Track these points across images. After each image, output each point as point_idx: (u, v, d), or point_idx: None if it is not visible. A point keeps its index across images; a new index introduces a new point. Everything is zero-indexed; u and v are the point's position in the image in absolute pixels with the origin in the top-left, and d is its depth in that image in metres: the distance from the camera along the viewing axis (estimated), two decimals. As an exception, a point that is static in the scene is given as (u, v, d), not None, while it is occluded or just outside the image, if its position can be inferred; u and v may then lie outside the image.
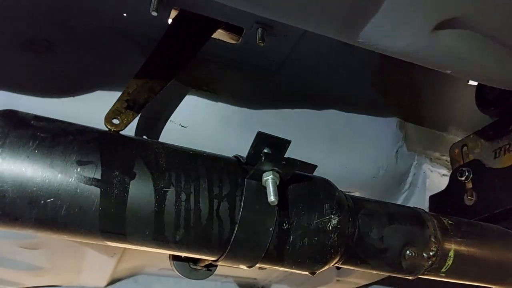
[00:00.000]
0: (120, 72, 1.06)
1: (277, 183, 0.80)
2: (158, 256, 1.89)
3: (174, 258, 1.14)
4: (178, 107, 1.12)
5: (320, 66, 1.26)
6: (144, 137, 1.07)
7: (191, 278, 1.15)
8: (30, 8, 1.01)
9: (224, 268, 1.04)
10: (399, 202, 1.46)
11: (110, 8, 1.03)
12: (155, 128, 1.10)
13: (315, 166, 1.11)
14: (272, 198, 0.78)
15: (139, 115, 0.93)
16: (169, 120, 1.11)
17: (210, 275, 1.16)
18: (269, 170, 0.81)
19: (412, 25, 0.64)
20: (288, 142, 0.84)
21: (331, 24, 0.67)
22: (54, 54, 1.03)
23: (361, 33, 0.65)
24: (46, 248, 1.51)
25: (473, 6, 0.62)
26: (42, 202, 0.71)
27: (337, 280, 1.69)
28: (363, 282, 1.73)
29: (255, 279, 2.20)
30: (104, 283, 1.89)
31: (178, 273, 1.15)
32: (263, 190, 0.81)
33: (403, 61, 0.82)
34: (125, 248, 1.62)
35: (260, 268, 0.92)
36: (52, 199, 0.72)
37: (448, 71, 0.79)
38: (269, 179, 0.80)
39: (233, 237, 0.81)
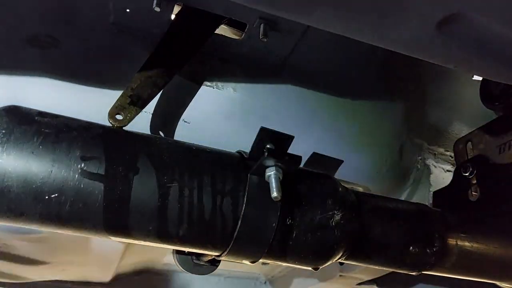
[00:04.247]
0: (124, 68, 1.06)
1: (280, 178, 0.81)
2: (162, 251, 1.90)
3: (178, 253, 1.15)
4: (182, 102, 1.12)
5: (324, 61, 1.25)
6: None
7: (194, 273, 1.16)
8: (34, 5, 1.01)
9: (227, 263, 1.04)
10: (402, 197, 1.45)
11: (114, 4, 1.03)
12: (158, 124, 1.10)
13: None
14: (275, 193, 0.78)
15: (142, 110, 0.93)
16: (172, 116, 1.11)
17: (213, 270, 1.17)
18: (272, 166, 0.81)
19: (416, 20, 0.64)
20: (291, 137, 0.84)
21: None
22: (58, 50, 1.03)
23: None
24: (50, 242, 1.52)
25: (476, 2, 0.62)
26: (47, 197, 0.72)
27: (340, 276, 1.69)
28: (367, 278, 1.73)
29: (258, 274, 2.21)
30: (109, 278, 1.90)
31: (181, 268, 1.16)
32: (266, 185, 0.82)
33: (408, 56, 0.81)
34: (129, 243, 1.63)
35: (263, 263, 0.92)
36: (56, 195, 0.72)
37: (453, 67, 0.78)
38: (272, 175, 0.80)
39: (236, 232, 0.81)
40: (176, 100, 1.12)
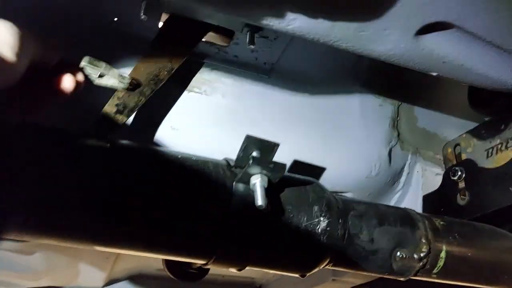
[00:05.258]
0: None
1: (265, 186, 0.81)
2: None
3: (167, 260, 1.15)
4: (169, 110, 1.12)
5: (312, 67, 1.26)
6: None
7: (184, 281, 1.16)
8: (24, 12, 1.01)
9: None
10: (392, 202, 1.46)
11: (102, 10, 1.03)
12: (146, 132, 1.10)
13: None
14: (259, 202, 0.78)
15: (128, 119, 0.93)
16: (160, 123, 1.11)
17: (203, 277, 1.17)
18: (257, 174, 0.81)
19: (395, 30, 0.64)
20: (277, 144, 0.84)
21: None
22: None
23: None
24: (42, 249, 1.52)
25: (456, 10, 0.62)
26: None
27: (333, 280, 1.69)
28: (359, 282, 1.73)
29: (252, 278, 2.21)
30: (101, 283, 1.90)
31: (171, 276, 1.15)
32: (251, 193, 0.82)
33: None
34: (120, 249, 1.63)
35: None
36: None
37: (435, 74, 0.79)
38: (256, 183, 0.80)
39: (221, 241, 0.81)
40: (164, 107, 1.12)
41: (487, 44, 0.71)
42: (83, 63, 0.79)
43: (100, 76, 0.81)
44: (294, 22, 0.64)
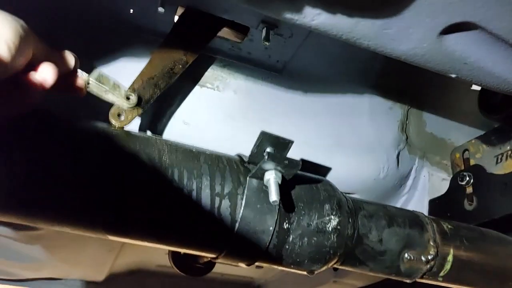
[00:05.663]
0: (127, 68, 1.06)
1: (279, 182, 0.81)
2: (156, 252, 1.89)
3: (173, 254, 1.15)
4: (182, 104, 1.13)
5: (323, 68, 1.26)
6: (148, 133, 1.08)
7: (189, 275, 1.16)
8: (36, 5, 1.01)
9: (221, 265, 1.04)
10: (398, 205, 1.46)
11: (117, 4, 1.03)
12: (158, 125, 1.10)
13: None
14: (273, 197, 0.78)
15: (144, 111, 0.93)
16: (172, 117, 1.11)
17: (208, 272, 1.17)
18: (271, 170, 0.82)
19: (419, 29, 0.64)
20: (291, 142, 0.84)
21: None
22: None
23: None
24: (45, 241, 1.51)
25: (482, 10, 0.62)
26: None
27: (334, 282, 1.69)
28: (360, 284, 1.73)
29: (251, 278, 2.21)
30: (102, 277, 1.90)
31: (176, 270, 1.15)
32: (265, 189, 0.82)
33: (407, 65, 0.82)
34: (123, 243, 1.63)
35: (257, 266, 0.93)
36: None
37: (454, 76, 0.79)
38: (271, 179, 0.80)
39: (233, 235, 0.81)
40: (177, 102, 1.12)
41: (510, 47, 0.71)
42: (91, 79, 0.77)
43: (106, 91, 0.80)
44: (319, 17, 0.64)
